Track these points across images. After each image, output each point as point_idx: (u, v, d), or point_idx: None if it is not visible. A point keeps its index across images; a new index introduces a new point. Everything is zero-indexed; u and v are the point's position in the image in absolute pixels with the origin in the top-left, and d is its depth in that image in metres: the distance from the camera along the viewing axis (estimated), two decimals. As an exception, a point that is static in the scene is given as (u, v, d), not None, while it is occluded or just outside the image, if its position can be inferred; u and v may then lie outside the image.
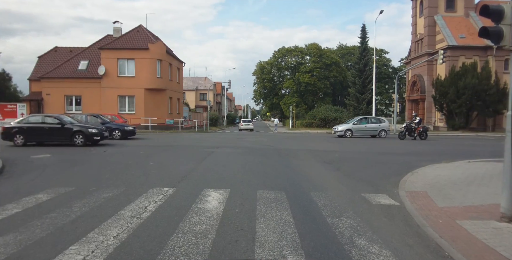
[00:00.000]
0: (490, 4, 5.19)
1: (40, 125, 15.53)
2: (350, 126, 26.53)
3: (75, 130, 15.39)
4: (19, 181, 7.79)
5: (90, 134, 15.49)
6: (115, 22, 35.15)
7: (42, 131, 15.42)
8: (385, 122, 27.51)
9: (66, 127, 15.38)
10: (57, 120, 15.56)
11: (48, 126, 15.52)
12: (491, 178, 8.26)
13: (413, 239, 4.45)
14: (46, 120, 15.86)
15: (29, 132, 15.40)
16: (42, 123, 15.66)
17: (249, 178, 8.43)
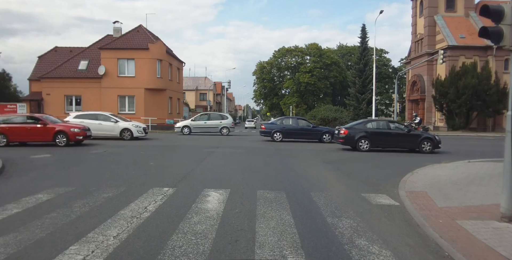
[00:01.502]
0: (490, 4, 5.19)
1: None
2: (188, 123, 25.59)
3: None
4: (19, 181, 7.79)
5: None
6: (115, 22, 35.17)
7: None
8: (227, 119, 25.80)
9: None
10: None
11: None
12: (491, 178, 8.26)
13: (413, 239, 4.45)
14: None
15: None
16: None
17: (249, 178, 8.43)
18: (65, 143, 15.28)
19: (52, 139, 15.25)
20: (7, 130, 15.18)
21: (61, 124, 15.98)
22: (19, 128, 15.31)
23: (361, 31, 52.46)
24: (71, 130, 15.46)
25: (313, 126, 20.57)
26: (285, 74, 73.60)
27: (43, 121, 15.48)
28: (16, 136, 15.29)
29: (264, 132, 20.68)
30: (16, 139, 15.41)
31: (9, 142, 15.21)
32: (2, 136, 15.12)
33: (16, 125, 15.37)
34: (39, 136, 15.34)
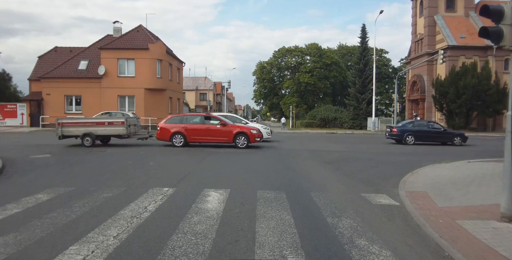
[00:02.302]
0: (490, 4, 5.19)
1: None
2: None
3: None
4: (19, 181, 7.79)
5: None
6: (115, 22, 35.14)
7: None
8: None
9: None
10: None
11: None
12: (491, 178, 8.26)
13: (413, 239, 4.45)
14: None
15: None
16: None
17: (249, 178, 8.43)
18: (245, 144, 15.01)
19: (232, 140, 15.09)
20: (187, 130, 15.19)
21: (238, 125, 15.99)
22: (198, 129, 15.24)
23: (361, 31, 52.34)
24: (252, 132, 15.37)
25: (444, 130, 21.14)
26: (285, 74, 73.56)
27: (224, 122, 15.51)
28: (195, 136, 15.25)
29: (395, 135, 20.36)
30: (195, 140, 15.35)
31: (187, 142, 15.20)
32: (180, 136, 15.16)
33: (195, 126, 15.36)
34: (219, 137, 15.25)
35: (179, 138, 15.19)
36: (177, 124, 15.49)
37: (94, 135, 15.22)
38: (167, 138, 15.35)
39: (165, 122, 15.83)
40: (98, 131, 15.31)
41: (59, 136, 15.39)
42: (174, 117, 16.22)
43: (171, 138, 15.25)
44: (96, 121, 15.76)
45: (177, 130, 15.22)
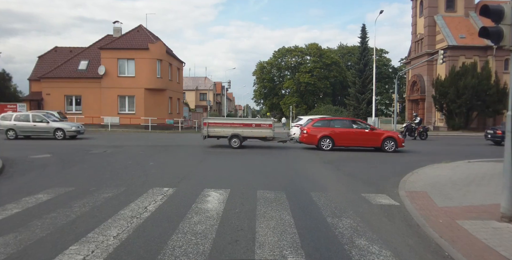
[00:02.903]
0: (490, 4, 5.19)
1: None
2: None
3: None
4: (19, 181, 7.79)
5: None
6: (115, 22, 35.15)
7: None
8: None
9: None
10: None
11: None
12: (491, 178, 8.26)
13: (413, 239, 4.45)
14: None
15: None
16: None
17: (249, 178, 8.44)
18: (393, 149, 14.98)
19: (381, 144, 15.01)
20: (335, 134, 15.12)
21: (385, 130, 16.26)
22: (347, 133, 15.15)
23: (361, 31, 52.45)
24: (399, 137, 15.50)
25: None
26: (285, 74, 73.62)
27: (373, 126, 15.68)
28: (343, 140, 15.13)
29: None
30: (343, 144, 15.19)
31: (334, 145, 15.10)
32: (328, 140, 15.09)
33: (343, 130, 15.26)
34: (367, 141, 15.18)
35: (327, 142, 15.05)
36: (324, 128, 15.35)
37: (241, 136, 15.26)
38: (315, 141, 15.16)
39: (312, 125, 15.57)
40: (245, 132, 15.34)
41: (204, 136, 15.48)
42: (321, 121, 16.03)
43: (319, 141, 15.09)
44: (244, 123, 15.74)
45: (325, 133, 15.10)
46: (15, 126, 19.18)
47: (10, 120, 19.31)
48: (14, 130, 19.16)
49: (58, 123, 19.88)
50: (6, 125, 19.30)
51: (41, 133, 19.29)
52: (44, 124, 19.27)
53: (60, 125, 19.54)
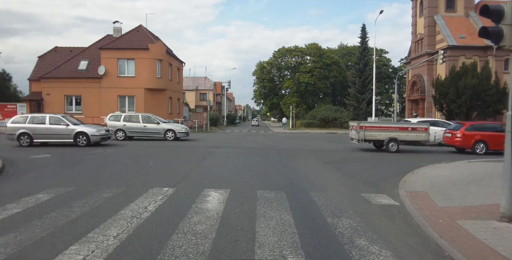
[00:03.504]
0: (490, 4, 5.19)
1: None
2: None
3: None
4: (19, 181, 7.79)
5: None
6: (115, 22, 35.14)
7: None
8: None
9: None
10: None
11: None
12: (491, 178, 8.26)
13: (413, 239, 4.45)
14: None
15: None
16: None
17: (249, 178, 8.43)
18: None
19: None
20: (490, 137, 15.07)
21: None
22: (499, 136, 14.63)
23: (361, 31, 52.43)
24: None
25: None
26: (285, 74, 73.59)
27: None
28: (496, 144, 14.89)
29: None
30: (495, 147, 14.93)
31: (488, 149, 15.08)
32: (482, 144, 15.11)
33: (495, 134, 15.05)
34: None
35: (481, 146, 15.10)
36: (477, 132, 15.39)
37: (398, 140, 15.18)
38: (470, 144, 15.23)
39: (465, 129, 15.52)
40: (401, 136, 15.25)
41: (360, 140, 15.25)
42: (474, 125, 16.03)
43: (474, 144, 15.16)
44: (400, 127, 15.70)
45: (481, 137, 15.15)
46: (125, 127, 19.25)
47: (120, 120, 19.44)
48: (124, 131, 19.39)
49: (168, 125, 20.16)
50: (116, 125, 19.31)
51: (152, 134, 19.54)
52: (155, 125, 19.60)
53: (170, 127, 19.95)
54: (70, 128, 15.90)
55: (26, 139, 15.67)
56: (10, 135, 15.93)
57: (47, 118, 16.20)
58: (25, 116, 16.54)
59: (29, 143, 15.67)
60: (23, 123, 15.86)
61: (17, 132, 15.65)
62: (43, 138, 15.87)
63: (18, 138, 15.66)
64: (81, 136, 15.83)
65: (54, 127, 15.88)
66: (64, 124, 16.01)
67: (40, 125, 15.86)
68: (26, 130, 15.65)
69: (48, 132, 15.84)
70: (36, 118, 16.22)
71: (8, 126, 16.22)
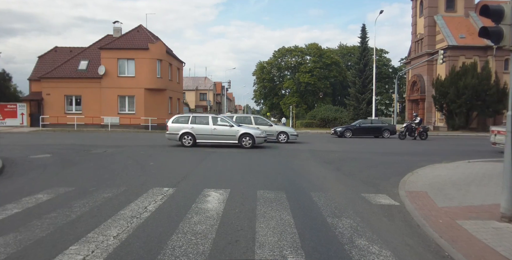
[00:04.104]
0: (490, 4, 5.19)
1: None
2: None
3: None
4: (19, 181, 7.79)
5: None
6: (115, 22, 35.16)
7: None
8: None
9: None
10: None
11: None
12: (491, 178, 8.26)
13: (413, 239, 4.45)
14: None
15: None
16: None
17: (249, 178, 8.43)
18: None
19: None
20: None
21: None
22: None
23: (361, 31, 52.42)
24: None
25: None
26: (285, 74, 73.63)
27: None
28: None
29: None
30: None
31: None
32: None
33: None
34: None
35: None
36: None
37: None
38: None
39: None
40: None
41: (494, 142, 14.34)
42: None
43: None
44: None
45: None
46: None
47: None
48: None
49: (282, 127, 19.32)
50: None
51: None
52: (267, 127, 18.33)
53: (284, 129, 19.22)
54: (234, 129, 15.51)
55: (189, 139, 15.48)
56: (172, 135, 15.73)
57: (210, 118, 15.88)
58: (187, 116, 16.31)
59: (192, 144, 15.46)
60: (186, 124, 15.68)
61: (179, 131, 15.51)
62: (207, 138, 15.58)
63: (180, 137, 15.50)
64: (247, 137, 15.39)
65: (219, 128, 15.56)
66: (229, 125, 15.68)
67: (204, 126, 15.59)
68: (190, 130, 15.46)
69: (213, 132, 15.52)
70: (199, 119, 15.95)
71: (170, 126, 15.91)
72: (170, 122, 16.13)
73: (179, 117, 16.50)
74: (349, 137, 25.39)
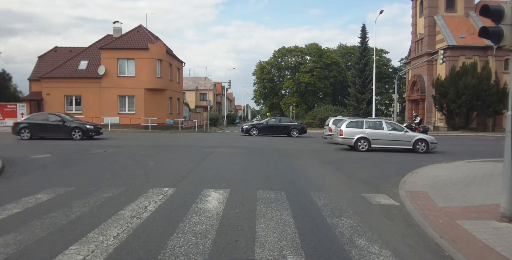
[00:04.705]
0: (490, 4, 5.19)
1: None
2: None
3: None
4: (19, 181, 7.78)
5: None
6: (115, 22, 35.16)
7: None
8: None
9: None
10: None
11: None
12: (491, 178, 8.26)
13: (413, 239, 4.45)
14: None
15: None
16: None
17: (249, 178, 8.43)
18: None
19: None
20: None
21: None
22: None
23: (361, 31, 52.48)
24: None
25: None
26: (285, 74, 73.68)
27: None
28: None
29: None
30: None
31: None
32: None
33: None
34: None
35: None
36: None
37: None
38: None
39: None
40: None
41: None
42: None
43: None
44: None
45: None
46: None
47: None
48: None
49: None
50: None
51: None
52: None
53: None
54: (409, 135, 15.44)
55: (364, 144, 15.46)
56: (346, 139, 15.69)
57: (383, 123, 15.85)
58: (360, 121, 16.28)
59: (366, 149, 15.40)
60: (361, 128, 15.65)
61: (354, 136, 15.47)
62: (382, 143, 15.50)
63: (355, 142, 15.42)
64: (422, 143, 15.16)
65: (394, 133, 15.50)
66: (403, 130, 15.65)
67: (379, 131, 15.56)
68: (365, 135, 15.47)
69: (388, 137, 15.45)
70: (372, 123, 15.97)
71: (344, 130, 15.79)
72: (344, 126, 15.93)
73: (352, 121, 16.41)
74: (255, 135, 25.19)
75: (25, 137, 17.93)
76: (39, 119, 18.75)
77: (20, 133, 18.03)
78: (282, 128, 25.76)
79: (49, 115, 19.13)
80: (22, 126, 18.16)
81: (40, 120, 18.59)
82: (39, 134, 18.40)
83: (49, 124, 18.46)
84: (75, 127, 18.40)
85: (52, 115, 19.10)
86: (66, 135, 18.33)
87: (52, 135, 18.39)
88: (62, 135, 18.35)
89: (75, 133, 18.30)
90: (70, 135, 18.26)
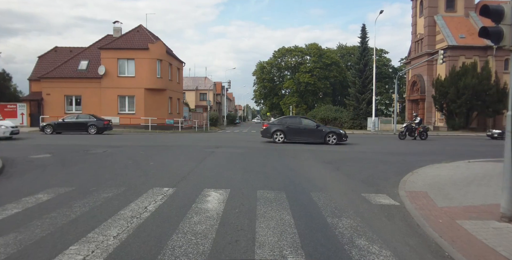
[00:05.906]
0: (490, 4, 5.19)
1: None
2: None
3: None
4: (19, 181, 7.78)
5: None
6: (115, 22, 35.18)
7: None
8: None
9: None
10: None
11: None
12: (491, 178, 8.26)
13: (413, 239, 4.45)
14: None
15: None
16: None
17: (249, 178, 8.43)
18: None
19: None
20: None
21: None
22: None
23: (361, 31, 52.38)
24: None
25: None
26: (285, 74, 73.70)
27: None
28: None
29: None
30: None
31: None
32: None
33: None
34: None
35: None
36: None
37: None
38: None
39: None
40: None
41: None
42: None
43: None
44: None
45: None
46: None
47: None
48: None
49: None
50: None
51: None
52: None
53: None
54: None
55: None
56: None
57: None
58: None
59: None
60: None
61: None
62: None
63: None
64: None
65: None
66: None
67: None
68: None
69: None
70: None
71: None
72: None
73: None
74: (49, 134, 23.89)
75: None
76: None
77: None
78: (79, 125, 24.46)
79: None
80: None
81: None
82: None
83: None
84: None
85: None
86: None
87: None
88: None
89: None
90: None
